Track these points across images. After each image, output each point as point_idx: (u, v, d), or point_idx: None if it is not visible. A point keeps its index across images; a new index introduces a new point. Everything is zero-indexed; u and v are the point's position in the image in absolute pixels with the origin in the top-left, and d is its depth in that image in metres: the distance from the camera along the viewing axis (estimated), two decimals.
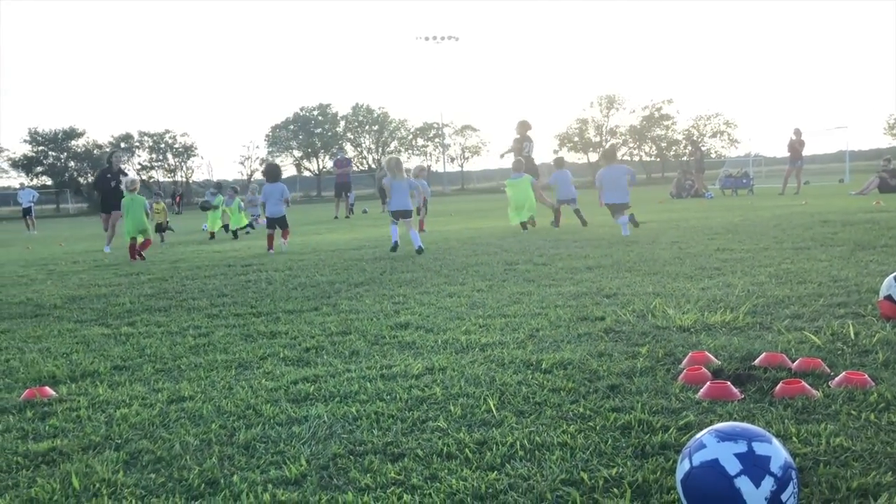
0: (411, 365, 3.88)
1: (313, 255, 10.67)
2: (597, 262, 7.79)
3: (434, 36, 73.81)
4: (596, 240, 10.54)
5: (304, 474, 2.52)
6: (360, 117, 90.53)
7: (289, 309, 5.94)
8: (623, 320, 4.72)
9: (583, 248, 9.48)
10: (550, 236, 11.61)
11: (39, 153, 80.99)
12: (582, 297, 5.72)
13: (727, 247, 8.58)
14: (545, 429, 2.83)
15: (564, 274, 7.08)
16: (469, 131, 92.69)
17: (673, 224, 12.78)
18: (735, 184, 28.40)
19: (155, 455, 2.77)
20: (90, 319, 6.01)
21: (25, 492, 2.50)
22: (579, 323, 4.75)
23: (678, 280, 6.30)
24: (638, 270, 7.03)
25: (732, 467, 1.93)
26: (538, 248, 9.81)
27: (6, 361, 4.55)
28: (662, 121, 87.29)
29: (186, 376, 3.96)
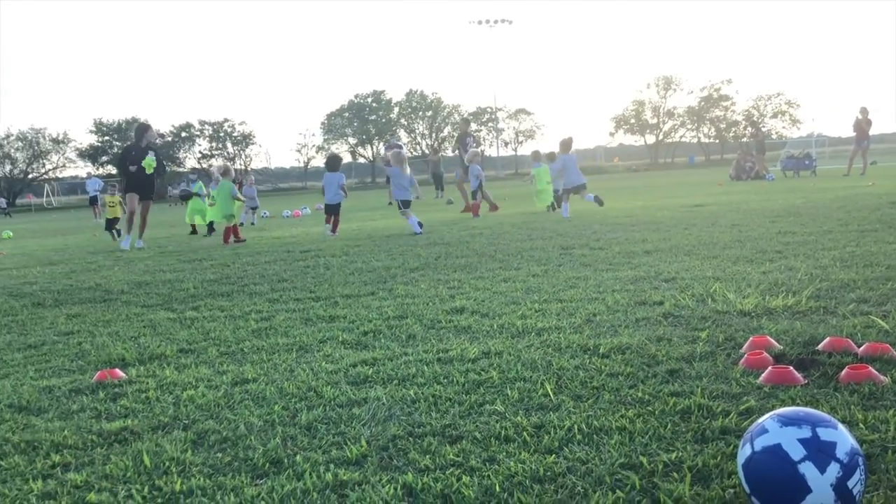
0: (467, 349, 3.91)
1: (369, 241, 10.78)
2: (655, 246, 7.69)
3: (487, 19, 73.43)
4: (654, 223, 10.39)
5: (364, 455, 2.57)
6: (413, 103, 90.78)
7: (346, 293, 6.02)
8: (682, 304, 4.66)
9: (640, 231, 9.37)
10: (606, 221, 11.49)
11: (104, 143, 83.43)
12: (640, 281, 5.66)
13: (789, 229, 8.38)
14: (603, 413, 2.82)
15: (621, 258, 7.02)
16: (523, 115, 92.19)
17: (732, 207, 12.51)
18: (797, 165, 27.64)
19: (221, 435, 2.86)
20: (156, 304, 6.19)
21: (101, 468, 2.61)
22: (637, 307, 4.70)
23: (738, 263, 6.18)
24: (697, 254, 6.92)
25: (796, 453, 1.90)
26: (594, 232, 9.72)
27: (78, 344, 4.73)
28: (721, 101, 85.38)
29: (249, 359, 4.06)
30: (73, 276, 8.64)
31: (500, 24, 74.13)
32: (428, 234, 11.44)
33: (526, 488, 2.23)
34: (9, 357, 4.50)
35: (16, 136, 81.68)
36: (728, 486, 2.16)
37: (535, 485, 2.25)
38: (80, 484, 2.48)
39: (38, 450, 2.84)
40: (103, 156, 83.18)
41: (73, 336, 5.04)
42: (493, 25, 73.93)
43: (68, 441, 2.90)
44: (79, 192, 69.08)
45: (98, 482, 2.49)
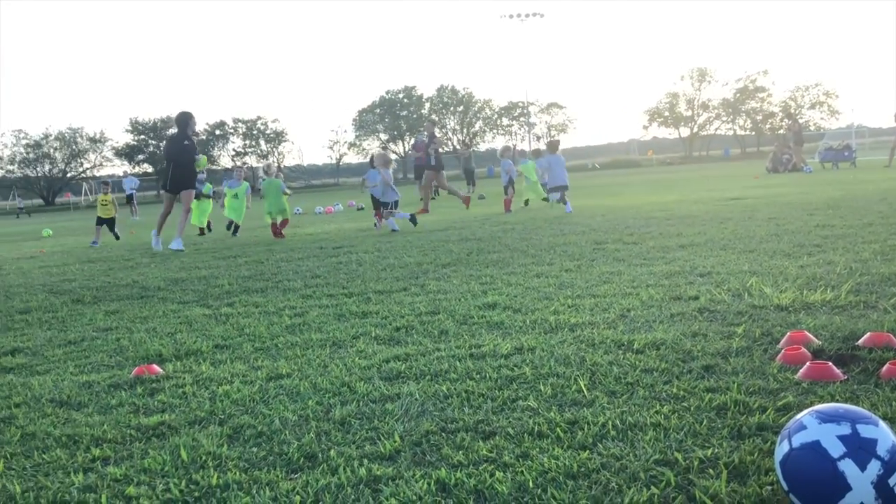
0: (500, 345, 3.90)
1: (401, 237, 10.81)
2: (690, 241, 7.61)
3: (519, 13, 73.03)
4: (689, 217, 10.28)
5: (398, 450, 2.58)
6: (444, 98, 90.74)
7: (379, 289, 6.05)
8: (718, 299, 4.60)
9: (675, 225, 9.27)
10: (640, 215, 11.39)
11: (140, 142, 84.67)
12: (674, 276, 5.60)
13: (828, 223, 8.23)
14: (637, 409, 2.80)
15: (656, 253, 6.95)
16: (555, 109, 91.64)
17: (769, 200, 12.32)
18: (836, 157, 27.14)
19: (256, 430, 2.89)
20: (192, 300, 6.28)
21: (139, 462, 2.65)
22: (672, 303, 4.66)
23: (775, 257, 6.09)
24: (733, 248, 6.83)
25: (835, 450, 1.87)
26: (628, 227, 9.64)
27: (117, 340, 4.81)
28: (757, 93, 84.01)
29: (284, 354, 4.10)
30: (111, 274, 8.79)
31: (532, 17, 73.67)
32: (459, 229, 11.43)
33: (560, 484, 2.22)
34: (49, 353, 4.60)
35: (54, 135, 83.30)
36: (765, 484, 2.13)
37: (569, 481, 2.24)
38: (120, 477, 2.53)
39: (78, 444, 2.90)
40: (139, 154, 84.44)
41: (112, 332, 5.13)
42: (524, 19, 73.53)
43: (108, 435, 2.95)
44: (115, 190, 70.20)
45: (137, 476, 2.53)
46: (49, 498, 2.40)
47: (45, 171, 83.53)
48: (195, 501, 2.31)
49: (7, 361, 4.44)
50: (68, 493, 2.43)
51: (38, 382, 3.86)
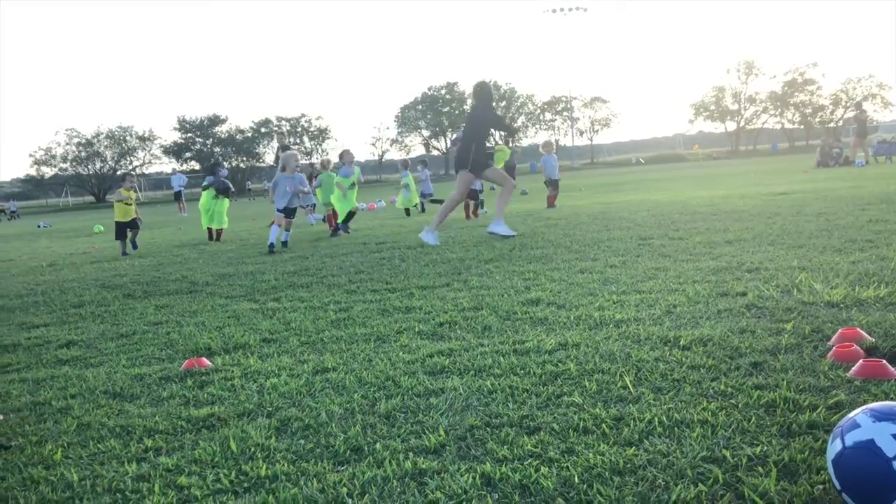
0: (544, 340, 3.89)
1: (443, 233, 10.83)
2: (737, 236, 7.48)
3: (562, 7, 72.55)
4: (736, 212, 10.11)
5: (442, 444, 2.60)
6: None
7: (422, 285, 6.07)
8: (766, 296, 4.53)
9: (722, 221, 9.12)
10: (686, 210, 11.24)
11: (187, 140, 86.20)
12: (721, 272, 5.52)
13: (881, 217, 8.02)
14: (684, 406, 2.77)
15: (702, 248, 6.85)
16: (599, 103, 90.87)
17: (819, 194, 12.05)
18: (890, 150, 26.38)
19: (303, 422, 2.93)
20: (239, 295, 6.38)
21: (190, 453, 2.71)
22: (719, 299, 4.59)
23: (826, 253, 5.96)
24: (781, 244, 6.70)
25: (890, 448, 1.83)
26: (673, 222, 9.52)
27: (167, 334, 4.92)
28: (806, 86, 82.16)
29: (329, 349, 4.15)
30: (161, 269, 8.97)
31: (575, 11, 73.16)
32: None
33: (605, 480, 2.21)
34: (103, 346, 4.72)
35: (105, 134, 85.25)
36: (817, 482, 2.09)
37: (615, 477, 2.23)
38: (172, 467, 2.59)
39: (131, 434, 2.97)
40: (186, 152, 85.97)
41: (162, 326, 5.24)
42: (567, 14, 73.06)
43: (159, 426, 3.02)
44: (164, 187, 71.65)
45: (188, 466, 2.59)
46: (104, 486, 2.47)
47: (95, 169, 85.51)
48: (245, 492, 2.36)
49: (63, 354, 4.57)
50: (122, 481, 2.50)
51: (92, 374, 3.97)
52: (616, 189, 21.78)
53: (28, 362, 4.43)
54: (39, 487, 2.50)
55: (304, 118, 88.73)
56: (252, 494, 2.33)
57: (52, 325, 5.64)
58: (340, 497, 2.25)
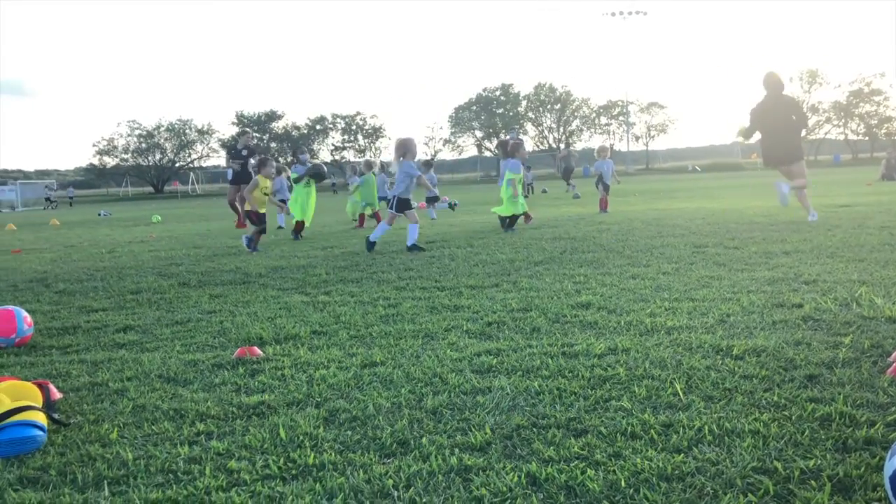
0: (593, 344, 3.86)
1: (493, 234, 10.82)
2: (794, 247, 7.32)
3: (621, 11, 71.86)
4: (794, 223, 9.88)
5: (488, 442, 2.60)
6: (542, 96, 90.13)
7: (471, 284, 6.08)
8: (823, 308, 4.42)
9: (779, 231, 8.93)
10: (742, 219, 11.02)
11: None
12: (777, 282, 5.41)
13: None
14: (735, 415, 2.72)
15: (758, 258, 6.72)
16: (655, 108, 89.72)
17: (883, 208, 11.70)
18: None
19: (351, 414, 2.97)
20: (291, 288, 6.48)
21: (240, 438, 2.76)
22: (774, 310, 4.50)
23: (888, 267, 5.78)
24: (841, 256, 6.53)
25: None
26: (728, 231, 9.35)
27: (220, 323, 5.02)
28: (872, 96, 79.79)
29: (377, 343, 4.18)
30: (216, 260, 9.16)
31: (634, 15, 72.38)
32: (553, 228, 11.36)
33: (653, 485, 2.19)
34: (158, 332, 4.84)
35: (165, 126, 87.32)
36: (872, 500, 2.04)
37: (663, 483, 2.20)
38: (222, 451, 2.64)
39: (184, 417, 3.04)
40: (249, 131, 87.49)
41: (216, 315, 5.35)
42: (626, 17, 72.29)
43: (211, 411, 3.09)
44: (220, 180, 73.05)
45: (238, 451, 2.64)
46: (157, 466, 2.54)
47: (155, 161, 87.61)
48: (292, 479, 2.39)
49: (120, 338, 4.70)
50: (175, 463, 2.56)
51: (147, 359, 4.07)
52: (671, 196, 21.45)
53: (87, 344, 4.56)
54: (96, 464, 2.58)
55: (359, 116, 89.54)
56: (299, 481, 2.36)
57: (111, 309, 5.81)
58: (386, 489, 2.27)
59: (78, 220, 26.52)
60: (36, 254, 11.59)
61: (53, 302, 6.31)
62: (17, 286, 7.51)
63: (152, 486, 2.38)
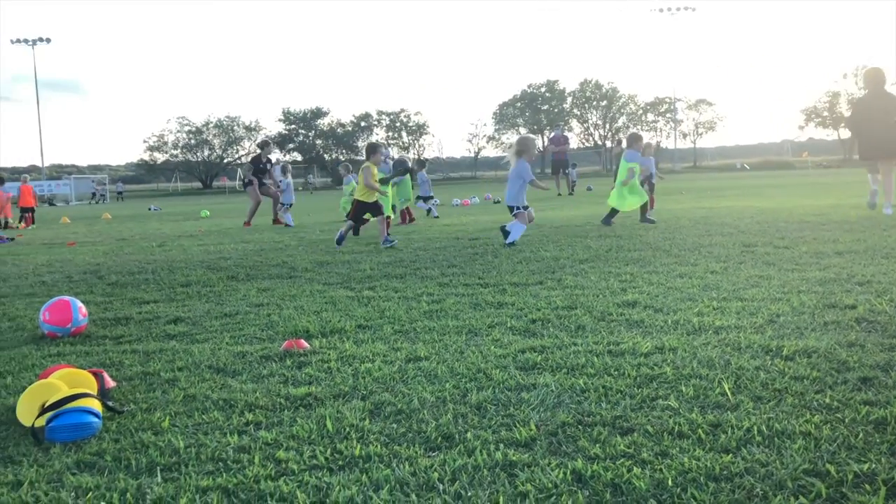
0: (640, 343, 3.83)
1: (537, 231, 10.78)
2: (847, 247, 7.15)
3: (669, 7, 70.86)
4: (846, 223, 9.65)
5: (533, 438, 2.60)
6: (587, 93, 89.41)
7: (514, 281, 6.07)
8: (878, 310, 4.31)
9: (831, 231, 8.73)
10: (792, 218, 10.80)
11: (291, 131, 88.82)
12: (829, 283, 5.29)
13: None
14: (785, 416, 2.68)
15: (809, 258, 6.58)
16: (704, 106, 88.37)
17: None
18: None
19: (396, 407, 2.99)
20: (336, 283, 6.54)
21: (288, 429, 2.81)
22: (826, 310, 4.40)
23: None
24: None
25: None
26: (778, 230, 9.18)
27: (268, 316, 5.10)
28: None
29: (422, 338, 4.20)
30: (263, 254, 9.29)
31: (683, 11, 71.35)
32: (598, 225, 11.27)
33: (700, 485, 2.16)
34: (208, 324, 4.93)
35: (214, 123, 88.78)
36: None
37: (711, 482, 2.18)
38: (271, 441, 2.69)
39: (233, 408, 3.10)
40: (289, 143, 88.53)
41: (263, 308, 5.43)
42: (674, 13, 71.29)
43: (260, 402, 3.14)
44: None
45: (286, 441, 2.68)
46: (208, 455, 2.59)
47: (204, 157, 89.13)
48: (339, 469, 2.42)
49: (171, 329, 4.80)
50: (224, 451, 2.61)
51: (197, 350, 4.15)
52: (719, 194, 21.11)
53: (139, 335, 4.67)
54: (149, 451, 2.65)
55: (403, 113, 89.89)
56: (346, 472, 2.39)
57: (161, 301, 5.94)
58: (431, 481, 2.28)
59: (129, 215, 27.15)
60: (89, 246, 11.90)
61: (106, 293, 6.47)
62: (71, 277, 7.72)
63: (203, 474, 2.43)
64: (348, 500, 2.19)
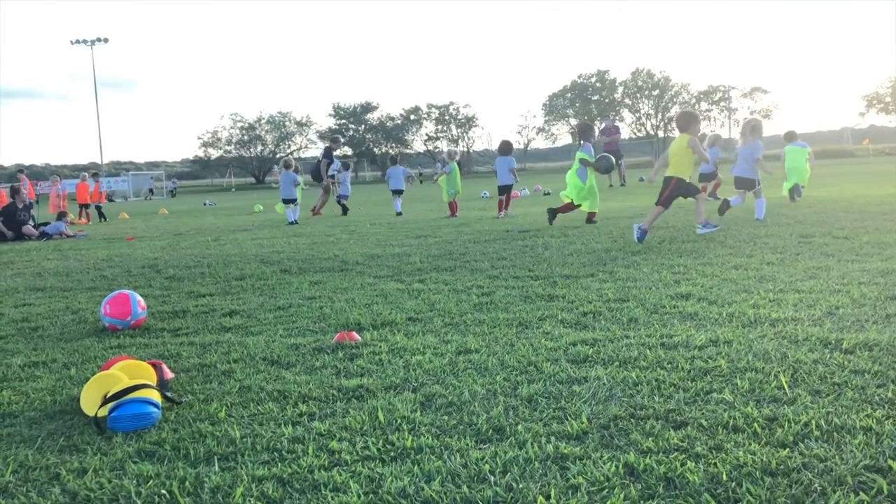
0: (693, 336, 3.78)
1: (588, 223, 10.68)
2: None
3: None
4: None
5: (585, 431, 2.59)
6: (639, 82, 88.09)
7: (565, 274, 6.03)
8: None
9: (893, 221, 8.46)
10: (852, 208, 10.49)
11: (341, 125, 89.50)
12: (891, 274, 5.13)
13: None
14: (845, 411, 2.61)
15: (870, 248, 6.39)
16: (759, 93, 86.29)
17: None
18: None
19: (447, 399, 3.01)
20: (386, 275, 6.59)
21: (341, 420, 2.85)
22: (888, 302, 4.27)
23: None
24: None
25: None
26: (837, 220, 8.93)
27: (320, 308, 5.17)
28: None
29: (472, 331, 4.21)
30: (314, 248, 9.41)
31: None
32: None
33: (756, 480, 2.13)
34: (262, 316, 5.02)
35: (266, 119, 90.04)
36: None
37: (767, 477, 2.14)
38: (324, 432, 2.73)
39: (287, 399, 3.15)
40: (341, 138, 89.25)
41: (315, 301, 5.51)
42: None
43: (313, 393, 3.19)
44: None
45: (339, 432, 2.72)
46: (263, 445, 2.64)
47: (256, 152, 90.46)
48: (391, 460, 2.45)
49: (226, 322, 4.90)
50: (279, 442, 2.66)
51: (252, 342, 4.24)
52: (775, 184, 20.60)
53: (196, 328, 4.78)
54: (206, 441, 2.71)
55: (452, 106, 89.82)
56: (398, 463, 2.42)
57: (217, 294, 6.06)
58: (482, 473, 2.29)
59: (185, 210, 27.73)
60: (147, 241, 12.21)
61: (164, 287, 6.64)
62: (130, 271, 7.94)
63: (259, 464, 2.48)
64: (400, 491, 2.21)
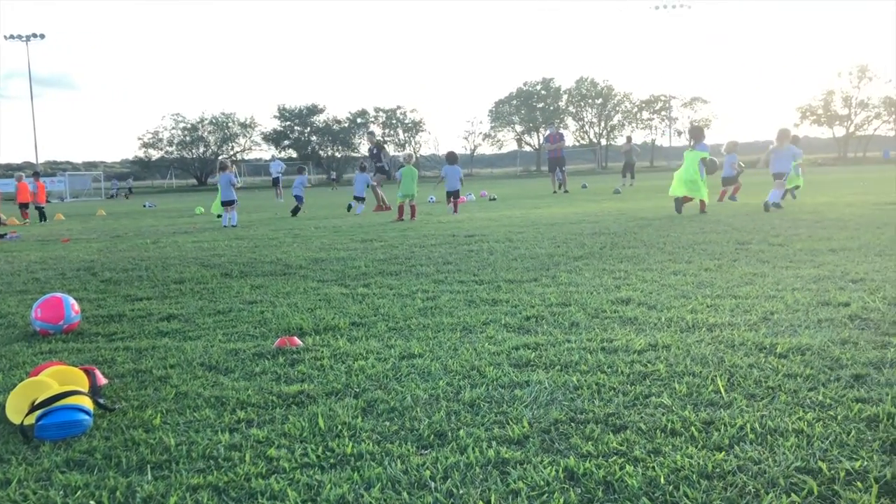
0: (633, 340, 3.83)
1: (532, 229, 10.77)
2: (841, 245, 7.15)
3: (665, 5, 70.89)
4: (840, 220, 9.66)
5: (526, 435, 2.59)
6: (583, 90, 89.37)
7: (509, 279, 6.06)
8: (871, 307, 4.31)
9: (825, 228, 8.74)
10: (787, 216, 10.81)
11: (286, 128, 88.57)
12: (823, 280, 5.29)
13: None
14: (778, 414, 2.68)
15: (803, 256, 6.58)
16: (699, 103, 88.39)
17: None
18: None
19: (389, 405, 2.98)
20: (330, 279, 6.53)
21: (280, 427, 2.80)
22: (820, 308, 4.40)
23: None
24: (890, 254, 6.37)
25: None
26: (773, 227, 9.19)
27: (261, 313, 5.08)
28: None
29: (416, 335, 4.19)
30: (257, 251, 9.27)
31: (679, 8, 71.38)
32: (593, 223, 11.27)
33: (692, 483, 2.16)
34: (201, 321, 4.91)
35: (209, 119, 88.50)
36: None
37: (703, 480, 2.17)
38: (262, 439, 2.68)
39: (225, 405, 3.09)
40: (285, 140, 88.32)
41: (257, 305, 5.42)
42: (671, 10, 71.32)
43: (251, 400, 3.13)
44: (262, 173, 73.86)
45: (278, 439, 2.67)
46: (199, 452, 2.58)
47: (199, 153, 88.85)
48: (331, 467, 2.42)
49: (163, 326, 4.78)
50: (216, 449, 2.60)
51: (190, 347, 4.14)
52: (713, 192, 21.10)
53: (132, 332, 4.65)
54: (140, 448, 2.63)
55: (399, 110, 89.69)
56: (338, 470, 2.38)
57: (155, 298, 5.91)
58: (423, 479, 2.28)
59: (124, 211, 27.06)
60: (83, 243, 11.86)
61: (100, 290, 6.45)
62: (65, 274, 7.69)
63: (194, 472, 2.42)
64: (339, 498, 2.18)
